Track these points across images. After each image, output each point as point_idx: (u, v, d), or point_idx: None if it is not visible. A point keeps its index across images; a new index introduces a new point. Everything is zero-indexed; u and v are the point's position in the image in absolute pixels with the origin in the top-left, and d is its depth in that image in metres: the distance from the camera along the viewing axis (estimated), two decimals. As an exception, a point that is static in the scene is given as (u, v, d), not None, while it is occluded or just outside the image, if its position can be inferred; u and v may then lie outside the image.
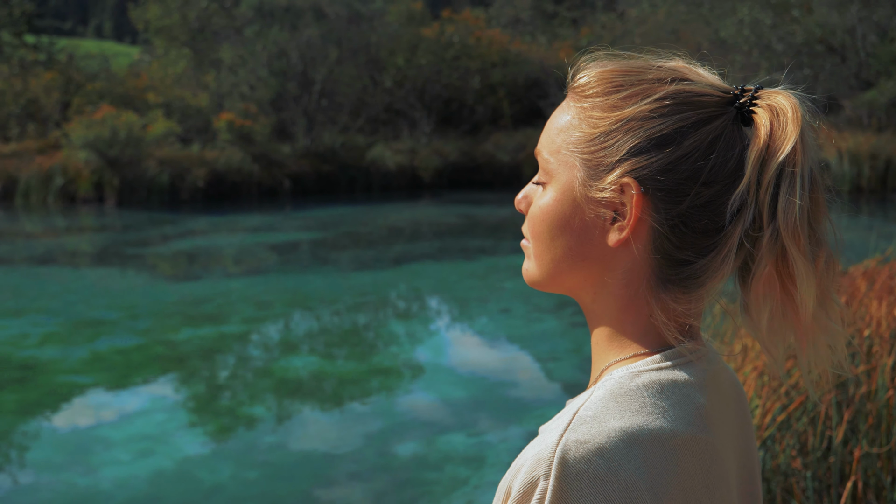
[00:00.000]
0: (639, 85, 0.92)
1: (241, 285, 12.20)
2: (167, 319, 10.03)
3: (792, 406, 3.34)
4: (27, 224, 20.07)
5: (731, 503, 0.92)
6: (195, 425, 6.65)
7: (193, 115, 26.62)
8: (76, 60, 31.26)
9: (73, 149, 22.94)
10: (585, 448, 0.82)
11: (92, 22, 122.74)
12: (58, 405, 7.08)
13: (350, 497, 5.31)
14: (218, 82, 27.69)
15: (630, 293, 0.93)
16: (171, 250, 15.68)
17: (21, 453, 6.09)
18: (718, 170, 0.89)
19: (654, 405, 0.87)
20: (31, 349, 8.67)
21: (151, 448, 6.08)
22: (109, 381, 7.68)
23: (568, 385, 7.49)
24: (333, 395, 7.34)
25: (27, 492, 5.45)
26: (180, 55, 29.63)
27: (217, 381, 7.87)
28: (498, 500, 0.88)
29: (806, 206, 0.88)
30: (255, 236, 17.36)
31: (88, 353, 8.52)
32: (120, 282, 12.50)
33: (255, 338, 9.32)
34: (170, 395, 7.45)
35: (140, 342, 8.98)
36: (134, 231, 18.21)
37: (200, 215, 20.50)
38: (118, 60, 36.22)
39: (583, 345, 8.62)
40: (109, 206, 22.12)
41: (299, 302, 10.94)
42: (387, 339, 9.27)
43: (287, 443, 6.25)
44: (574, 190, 0.93)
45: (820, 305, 0.91)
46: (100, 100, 26.15)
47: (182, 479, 5.59)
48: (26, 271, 13.58)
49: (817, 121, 0.93)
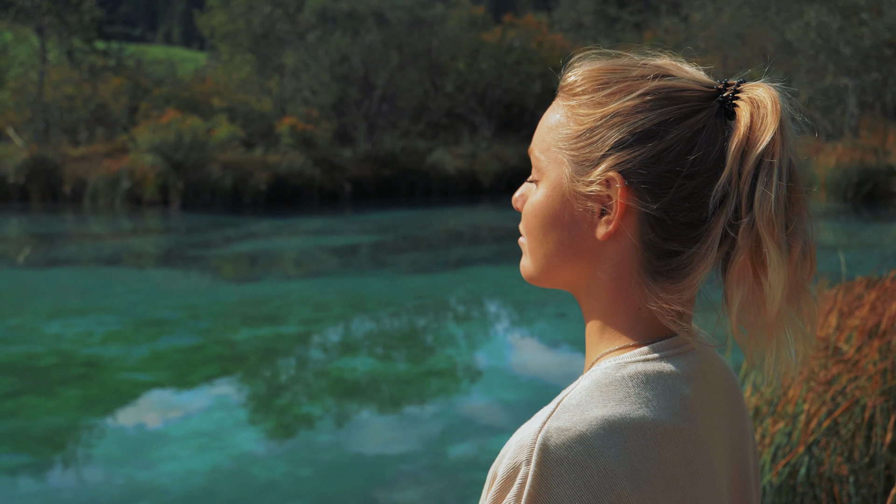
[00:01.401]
0: (623, 82, 0.94)
1: (300, 287, 12.31)
2: (227, 320, 10.16)
3: (837, 412, 3.26)
4: (95, 226, 20.51)
5: (716, 492, 0.93)
6: (251, 423, 6.72)
7: (257, 119, 26.97)
8: (144, 66, 31.90)
9: (140, 152, 23.40)
10: (566, 435, 0.84)
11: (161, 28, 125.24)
12: (118, 402, 7.20)
13: (404, 497, 5.31)
14: (281, 87, 28.03)
15: (620, 286, 0.95)
16: (233, 252, 15.89)
17: (82, 448, 6.21)
18: (701, 162, 0.91)
19: (638, 395, 0.89)
20: (95, 347, 8.84)
21: (208, 444, 6.15)
22: (169, 380, 7.80)
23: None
24: (389, 396, 7.35)
25: (87, 485, 5.55)
26: (244, 60, 30.06)
27: (274, 380, 7.93)
28: (486, 486, 0.90)
29: (783, 197, 0.89)
30: (315, 239, 17.50)
31: (149, 351, 8.67)
32: (182, 283, 12.70)
33: (312, 339, 9.39)
34: (227, 393, 7.53)
35: (200, 342, 9.11)
36: (197, 233, 18.49)
37: (262, 218, 20.75)
38: (184, 66, 36.87)
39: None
40: (174, 209, 22.51)
41: (357, 304, 11.00)
42: (444, 341, 9.26)
43: (342, 442, 6.27)
44: (563, 186, 0.96)
45: (791, 298, 0.92)
46: (166, 104, 26.64)
47: (237, 475, 5.64)
48: (93, 272, 13.87)
49: (800, 114, 0.95)
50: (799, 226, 0.91)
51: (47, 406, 7.00)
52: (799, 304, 0.93)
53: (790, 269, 0.90)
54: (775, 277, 0.89)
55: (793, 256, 0.90)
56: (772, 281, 0.89)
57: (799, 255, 0.91)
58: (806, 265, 0.92)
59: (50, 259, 15.30)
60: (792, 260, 0.90)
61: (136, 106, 27.80)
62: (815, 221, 0.94)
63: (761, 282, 0.90)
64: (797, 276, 0.91)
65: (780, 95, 0.93)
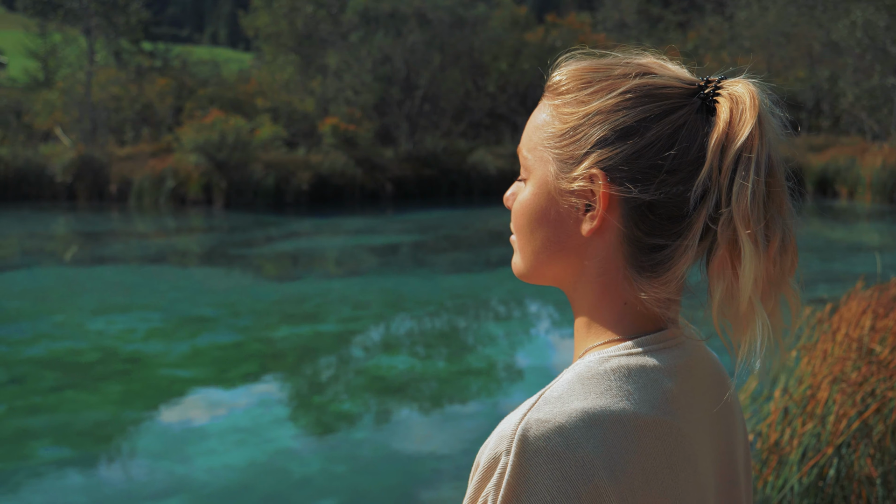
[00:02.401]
0: (605, 80, 0.96)
1: (340, 286, 12.40)
2: (267, 318, 10.27)
3: (867, 413, 3.23)
4: (140, 224, 20.82)
5: (697, 485, 0.94)
6: (289, 419, 6.80)
7: (300, 119, 27.19)
8: (189, 66, 32.29)
9: (184, 152, 23.71)
10: (546, 426, 0.86)
11: (208, 29, 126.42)
12: (159, 397, 7.32)
13: (439, 495, 5.35)
14: (324, 87, 28.22)
15: (606, 281, 0.97)
16: (275, 251, 16.04)
17: (122, 442, 6.33)
18: (681, 157, 0.92)
19: (620, 388, 0.90)
20: (137, 343, 8.99)
21: (246, 440, 6.23)
22: (208, 376, 7.91)
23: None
24: (426, 394, 7.39)
25: (127, 478, 5.66)
26: (287, 61, 30.31)
27: (312, 377, 8.01)
28: (471, 475, 0.92)
29: (760, 191, 0.90)
30: (356, 238, 17.61)
31: (190, 348, 8.80)
32: (224, 281, 12.85)
33: (351, 337, 9.46)
34: (266, 390, 7.62)
35: (240, 339, 9.22)
36: (240, 232, 18.69)
37: (304, 218, 20.92)
38: (228, 66, 37.25)
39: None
40: (217, 208, 22.77)
41: (396, 303, 11.06)
42: (483, 340, 9.29)
43: (378, 440, 6.32)
44: (548, 183, 0.97)
45: (769, 291, 0.93)
46: (210, 104, 26.95)
47: (273, 470, 5.72)
48: (137, 270, 14.09)
49: (781, 110, 0.96)
50: (777, 220, 0.92)
51: (89, 401, 7.14)
52: (778, 297, 0.94)
53: (768, 262, 0.91)
54: (746, 270, 0.89)
55: (771, 250, 0.91)
56: (743, 273, 0.90)
57: (777, 249, 0.91)
58: (786, 259, 0.93)
59: (96, 257, 15.57)
60: (770, 254, 0.91)
61: (182, 106, 28.17)
62: (797, 216, 0.95)
63: (738, 275, 0.91)
64: (776, 270, 0.92)
65: (759, 91, 0.94)
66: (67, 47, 32.74)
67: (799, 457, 3.29)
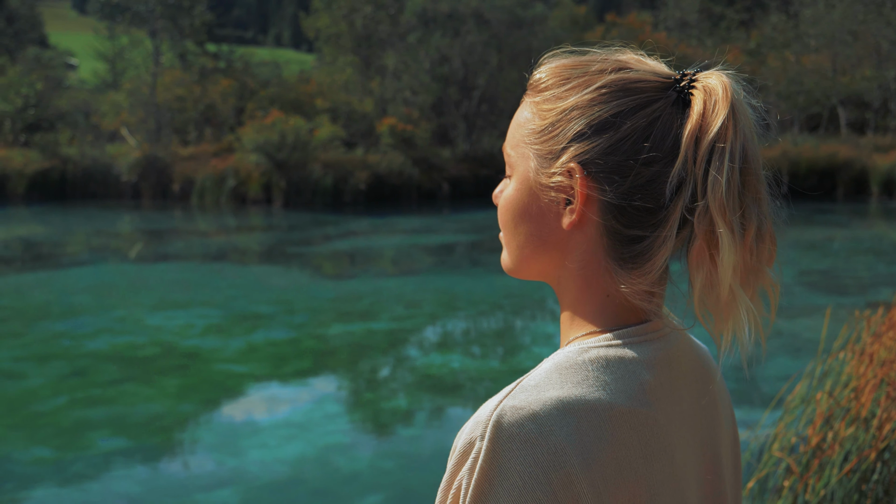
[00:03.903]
0: (582, 77, 0.98)
1: (395, 285, 12.50)
2: (321, 315, 10.40)
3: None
4: (201, 223, 21.19)
5: (674, 476, 0.94)
6: (339, 415, 6.89)
7: (358, 119, 27.41)
8: (251, 68, 32.74)
9: (245, 152, 24.06)
10: (520, 413, 0.88)
11: (272, 31, 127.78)
12: (213, 391, 7.47)
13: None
14: (382, 88, 28.41)
15: (587, 274, 0.98)
16: (332, 250, 16.22)
17: (177, 434, 6.48)
18: (657, 150, 0.94)
19: (597, 378, 0.91)
20: (194, 339, 9.18)
21: (296, 434, 6.34)
22: (262, 371, 8.05)
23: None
24: (479, 393, 7.43)
25: (180, 469, 5.80)
26: (347, 62, 30.58)
27: (363, 374, 8.11)
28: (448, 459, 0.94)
29: (735, 181, 0.91)
30: (412, 238, 17.72)
31: (245, 344, 8.96)
32: (281, 279, 13.04)
33: (404, 335, 9.54)
34: (317, 385, 7.74)
35: (294, 336, 9.36)
36: (298, 231, 18.93)
37: (361, 217, 21.10)
38: (290, 67, 37.67)
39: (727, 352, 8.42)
40: (276, 207, 23.07)
41: (449, 302, 11.12)
42: (537, 340, 9.30)
43: (427, 437, 6.38)
44: (529, 179, 0.99)
45: (747, 280, 0.93)
46: (270, 105, 27.29)
47: (322, 464, 5.81)
48: (198, 267, 14.37)
49: (758, 100, 0.97)
50: (753, 209, 0.92)
51: (146, 394, 7.32)
52: (756, 286, 0.95)
53: (744, 251, 0.92)
54: (725, 259, 0.90)
55: (747, 239, 0.92)
56: (722, 263, 0.91)
57: (753, 238, 0.92)
58: (763, 247, 0.94)
59: (159, 254, 15.91)
60: (746, 242, 0.92)
61: (243, 107, 28.58)
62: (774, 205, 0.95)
63: (717, 264, 0.92)
64: (753, 259, 0.93)
65: (732, 83, 0.94)
66: (134, 49, 33.40)
67: (841, 460, 3.26)
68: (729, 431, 1.08)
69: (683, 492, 0.96)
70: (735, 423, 1.11)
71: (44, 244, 17.38)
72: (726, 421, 1.07)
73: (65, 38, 71.19)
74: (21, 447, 6.13)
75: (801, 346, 8.51)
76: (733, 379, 7.87)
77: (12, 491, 5.40)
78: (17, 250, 16.58)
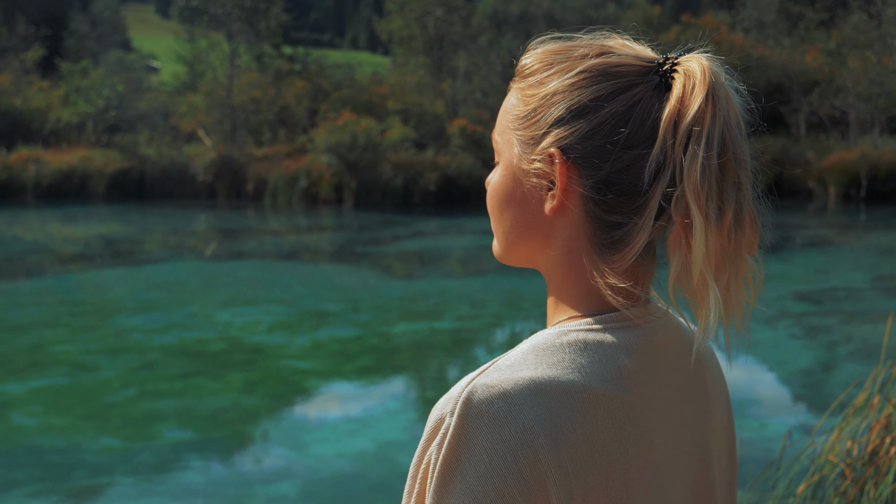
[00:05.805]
0: (565, 62, 0.97)
1: (461, 285, 12.55)
2: (386, 314, 10.50)
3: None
4: (274, 222, 21.54)
5: (650, 462, 0.94)
6: (399, 412, 6.96)
7: (429, 121, 27.54)
8: (325, 70, 33.12)
9: (317, 153, 24.36)
10: (490, 391, 0.88)
11: (348, 34, 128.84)
12: (278, 386, 7.61)
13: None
14: (453, 89, 28.51)
15: (571, 259, 0.98)
16: (400, 250, 16.35)
17: (241, 427, 6.62)
18: (635, 134, 0.93)
19: (573, 361, 0.91)
20: (261, 335, 9.36)
21: (357, 430, 6.42)
22: (326, 368, 8.17)
23: (768, 394, 7.19)
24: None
25: (243, 461, 5.92)
26: (418, 64, 30.76)
27: (425, 372, 8.17)
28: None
29: (712, 165, 0.90)
30: (480, 239, 17.75)
31: (310, 341, 9.09)
32: (349, 278, 13.19)
33: (467, 335, 9.58)
34: (379, 383, 7.82)
35: (358, 333, 9.47)
36: (368, 231, 19.11)
37: (430, 218, 21.21)
38: (363, 69, 38.01)
39: (796, 357, 8.26)
40: (347, 208, 23.32)
41: (513, 303, 11.13)
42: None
43: (485, 436, 6.40)
44: (513, 165, 1.00)
45: (723, 265, 0.92)
46: (343, 107, 27.58)
47: (382, 460, 5.88)
48: (269, 265, 14.62)
49: (741, 84, 0.96)
50: (731, 194, 0.91)
51: (213, 388, 7.49)
52: (733, 271, 0.94)
53: (720, 237, 0.91)
54: (697, 243, 0.90)
55: (724, 224, 0.91)
56: (693, 246, 0.90)
57: (731, 224, 0.91)
58: (742, 233, 0.93)
59: (233, 253, 16.22)
60: (723, 228, 0.91)
61: (317, 108, 28.94)
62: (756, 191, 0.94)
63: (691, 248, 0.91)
64: (731, 244, 0.92)
65: (711, 66, 0.93)
66: (212, 52, 34.03)
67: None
68: (722, 419, 1.07)
69: (663, 478, 0.96)
70: (731, 412, 1.10)
71: (122, 242, 17.86)
72: (719, 409, 1.06)
73: (148, 42, 73.00)
74: (91, 437, 6.33)
75: (873, 351, 8.31)
76: (800, 385, 7.73)
77: (82, 479, 5.58)
78: (98, 248, 17.06)
